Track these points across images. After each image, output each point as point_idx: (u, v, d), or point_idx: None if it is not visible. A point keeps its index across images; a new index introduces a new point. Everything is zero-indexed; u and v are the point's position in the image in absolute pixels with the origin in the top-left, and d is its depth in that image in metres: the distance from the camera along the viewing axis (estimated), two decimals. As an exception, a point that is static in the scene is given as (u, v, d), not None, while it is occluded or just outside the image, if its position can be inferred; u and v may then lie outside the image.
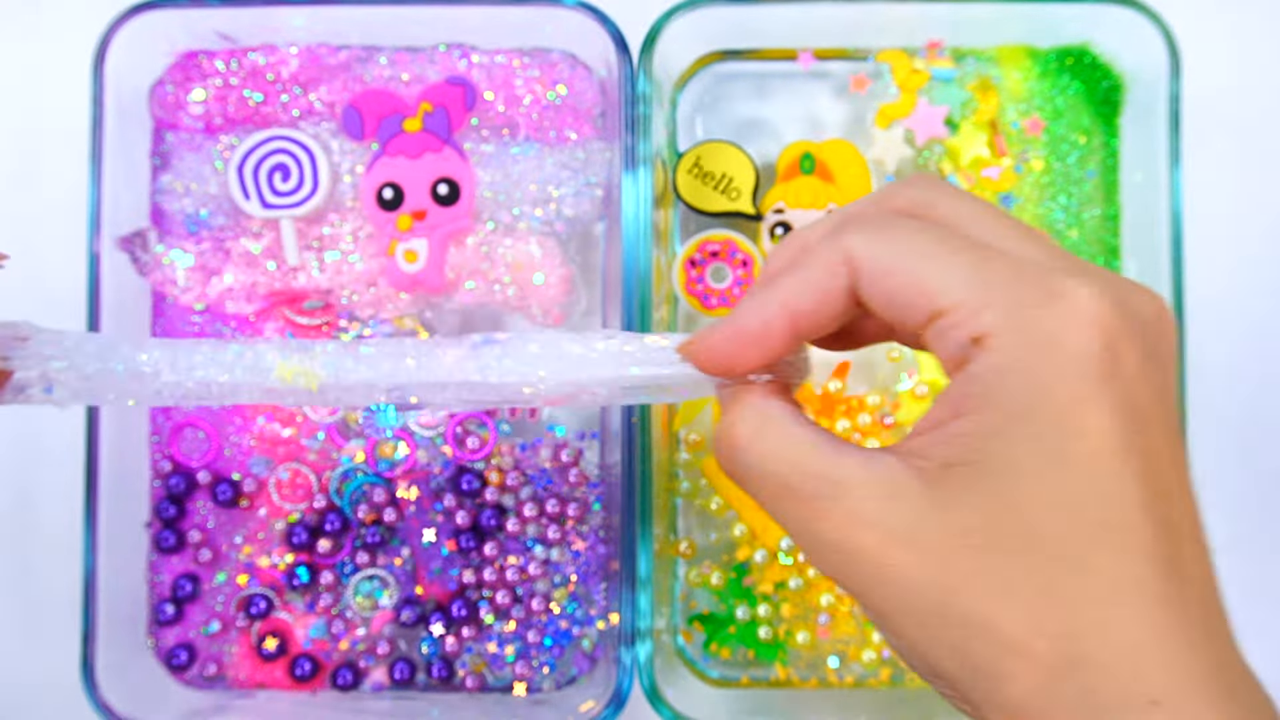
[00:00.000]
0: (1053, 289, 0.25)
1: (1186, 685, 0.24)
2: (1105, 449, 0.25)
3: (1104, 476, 0.25)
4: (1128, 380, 0.25)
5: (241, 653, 0.51)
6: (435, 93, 0.48)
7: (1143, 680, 0.24)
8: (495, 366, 0.33)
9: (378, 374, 0.33)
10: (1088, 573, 0.24)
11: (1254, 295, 0.54)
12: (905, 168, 0.51)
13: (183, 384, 0.34)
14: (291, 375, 0.34)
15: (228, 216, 0.50)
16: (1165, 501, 0.25)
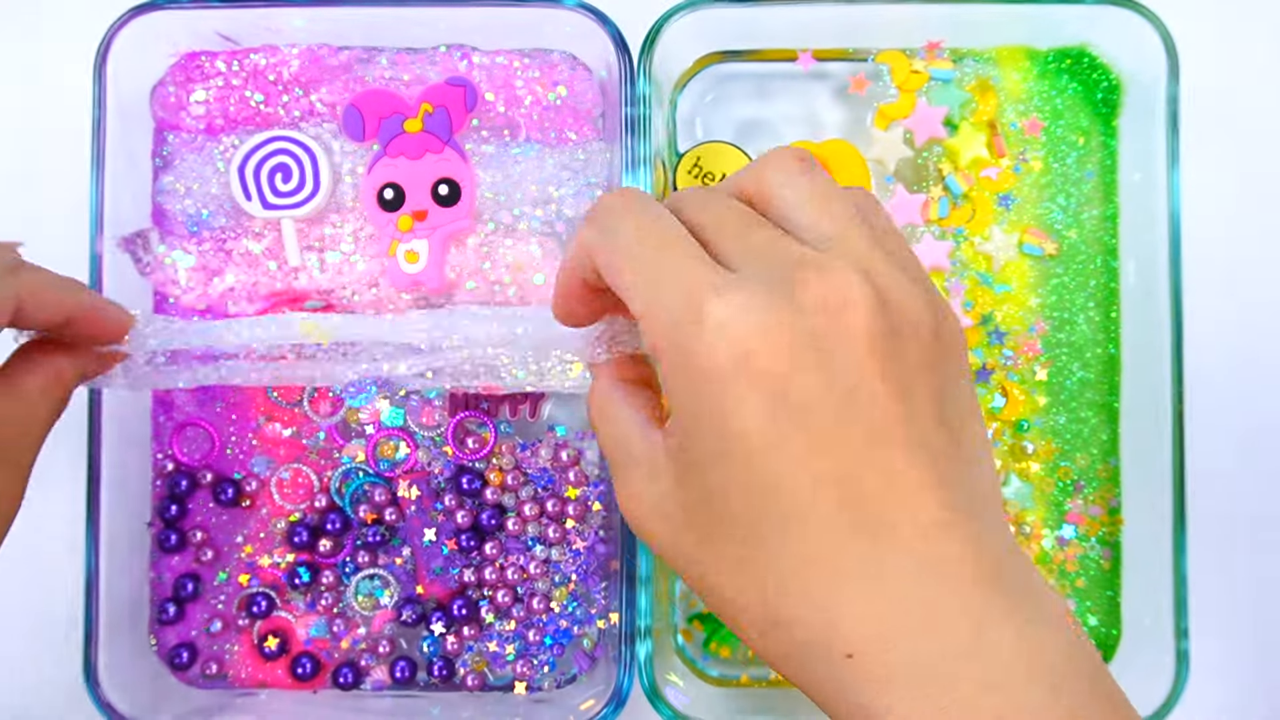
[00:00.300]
0: (701, 311, 0.28)
1: (880, 637, 0.27)
2: (759, 446, 0.28)
3: (764, 469, 0.28)
4: (774, 383, 0.27)
5: (243, 652, 0.51)
6: (436, 93, 0.49)
7: (838, 636, 0.27)
8: (444, 326, 0.43)
9: (364, 330, 0.44)
10: (772, 549, 0.28)
11: (1252, 295, 0.54)
12: (905, 168, 0.51)
13: (238, 362, 0.44)
14: (311, 328, 0.44)
15: (229, 217, 0.50)
16: (843, 479, 0.27)
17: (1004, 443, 0.51)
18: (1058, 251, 0.51)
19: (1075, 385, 0.51)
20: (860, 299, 0.28)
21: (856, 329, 0.28)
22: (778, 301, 0.28)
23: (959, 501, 0.28)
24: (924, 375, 0.29)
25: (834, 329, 0.28)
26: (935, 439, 0.29)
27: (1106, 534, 0.51)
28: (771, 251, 0.30)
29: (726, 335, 0.28)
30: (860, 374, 0.28)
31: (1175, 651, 0.48)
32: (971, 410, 0.31)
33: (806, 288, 0.28)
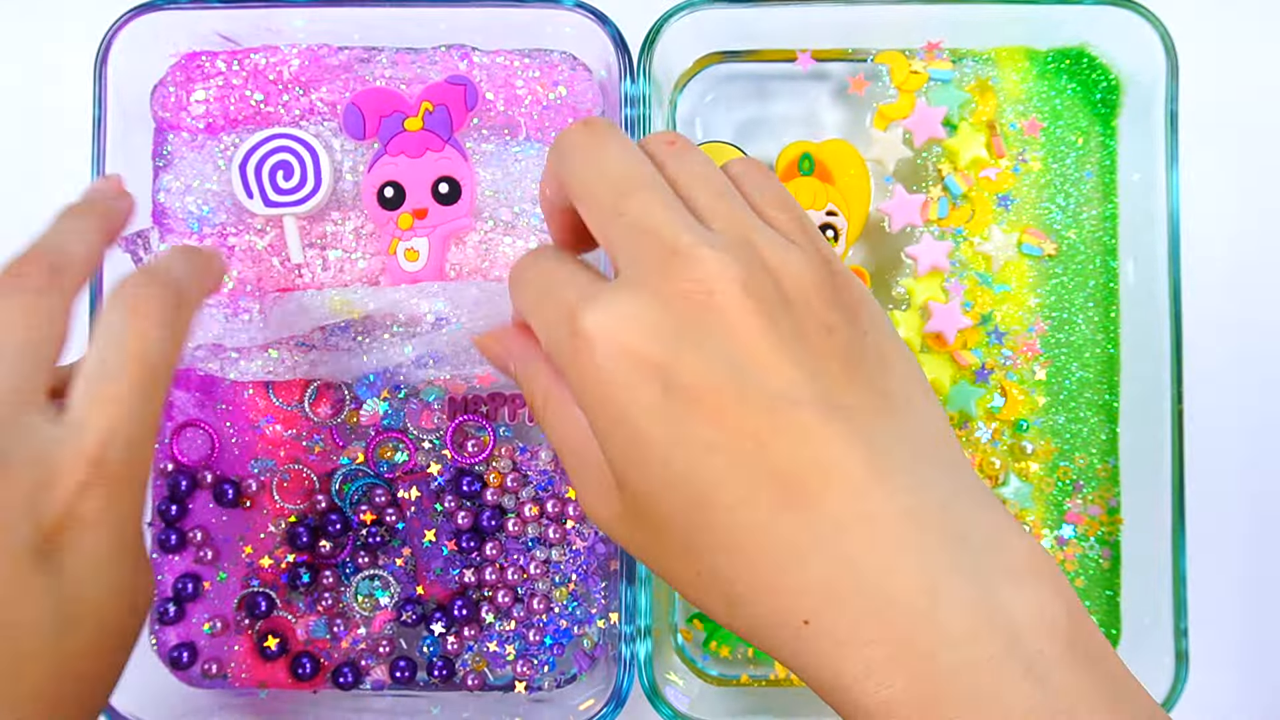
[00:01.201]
0: (576, 325, 0.29)
1: (832, 601, 0.27)
2: (663, 442, 0.28)
3: (676, 464, 0.28)
4: (659, 374, 0.28)
5: (243, 652, 0.51)
6: (436, 92, 0.49)
7: (791, 606, 0.27)
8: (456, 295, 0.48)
9: (386, 301, 0.48)
10: (709, 538, 0.28)
11: (1251, 295, 0.54)
12: (904, 168, 0.51)
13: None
14: (341, 304, 0.48)
15: (230, 214, 0.50)
16: (755, 455, 0.27)
17: (1003, 443, 0.51)
18: (1057, 251, 0.51)
19: (1074, 385, 0.51)
20: (727, 278, 0.28)
21: (728, 307, 0.28)
22: (646, 296, 0.29)
23: (887, 453, 0.28)
24: (822, 334, 0.29)
25: (707, 310, 0.28)
26: (848, 394, 0.29)
27: (1106, 534, 0.51)
28: (642, 237, 0.30)
29: (601, 342, 0.28)
30: (742, 348, 0.28)
31: (1174, 651, 0.48)
32: (894, 355, 0.31)
33: (671, 280, 0.29)
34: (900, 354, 0.31)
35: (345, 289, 0.49)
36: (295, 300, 0.49)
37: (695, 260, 0.29)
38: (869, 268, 0.51)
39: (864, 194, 0.50)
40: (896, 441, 0.28)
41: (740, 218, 0.31)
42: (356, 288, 0.49)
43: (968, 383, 0.50)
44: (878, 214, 0.51)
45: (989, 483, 0.50)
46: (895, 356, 0.31)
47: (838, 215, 0.49)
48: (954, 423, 0.50)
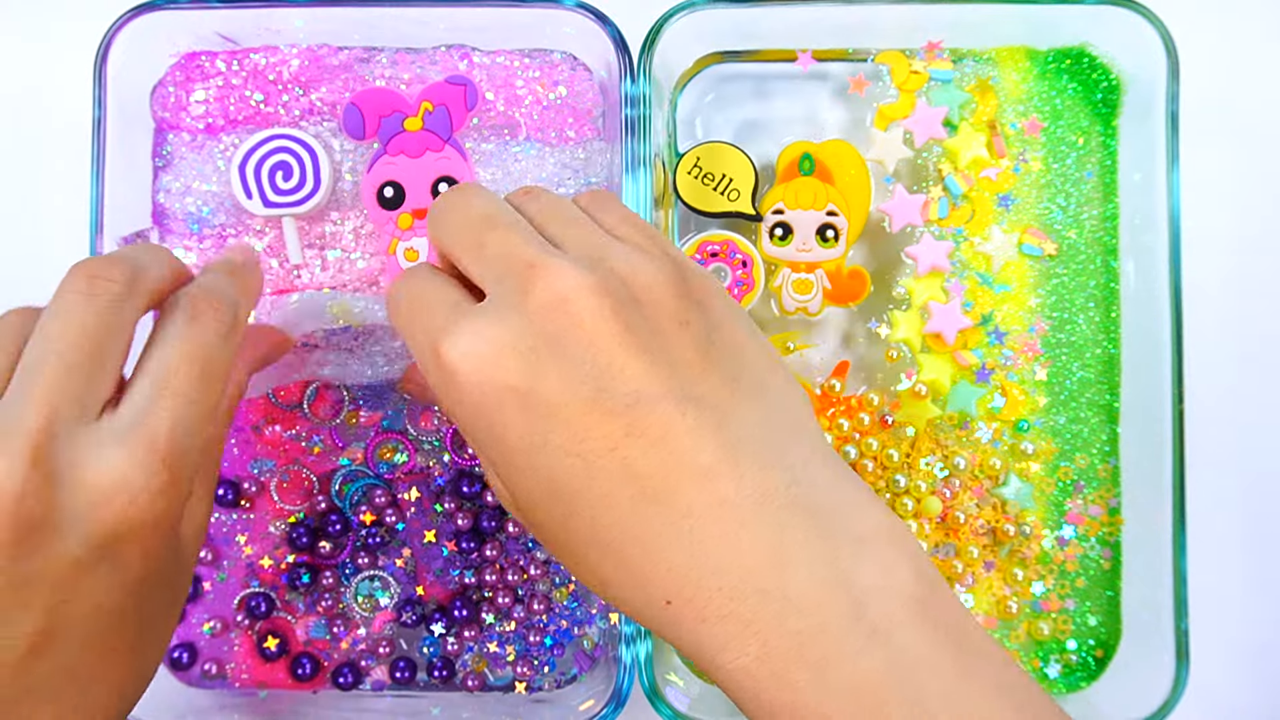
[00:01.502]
0: (439, 355, 0.31)
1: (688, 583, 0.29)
2: (530, 456, 0.30)
3: (544, 475, 0.30)
4: (520, 396, 0.30)
5: (243, 652, 0.51)
6: (436, 92, 0.49)
7: (655, 590, 0.30)
8: None
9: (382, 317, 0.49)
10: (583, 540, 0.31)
11: (1252, 295, 0.54)
12: (904, 168, 0.51)
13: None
14: (340, 311, 0.48)
15: (230, 215, 0.50)
16: (614, 454, 0.29)
17: (1004, 443, 0.51)
18: (1057, 252, 0.51)
19: (1075, 385, 0.51)
20: (581, 286, 0.30)
21: (584, 314, 0.30)
22: (505, 318, 0.31)
23: (738, 439, 0.30)
24: (672, 332, 0.31)
25: (563, 323, 0.30)
26: (703, 384, 0.31)
27: (1106, 534, 0.51)
28: (503, 261, 0.32)
29: (462, 371, 0.30)
30: (601, 353, 0.30)
31: (1175, 651, 0.48)
32: (748, 342, 0.33)
33: (529, 295, 0.31)
34: (753, 341, 0.33)
35: (346, 296, 0.49)
36: (295, 301, 0.49)
37: (551, 271, 0.31)
38: (869, 268, 0.51)
39: (864, 194, 0.50)
40: (749, 425, 0.30)
41: (590, 238, 0.33)
42: (358, 297, 0.49)
43: (968, 383, 0.50)
44: (878, 214, 0.51)
45: (989, 483, 0.50)
46: (748, 344, 0.33)
47: (838, 215, 0.49)
48: (954, 423, 0.50)
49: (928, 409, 0.50)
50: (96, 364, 0.34)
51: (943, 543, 0.50)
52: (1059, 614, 0.50)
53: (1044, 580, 0.50)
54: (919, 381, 0.50)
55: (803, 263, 0.50)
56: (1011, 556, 0.50)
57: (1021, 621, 0.51)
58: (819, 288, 0.50)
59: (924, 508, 0.50)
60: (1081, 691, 0.50)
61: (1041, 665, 0.50)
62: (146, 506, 0.33)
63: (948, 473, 0.50)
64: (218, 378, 0.36)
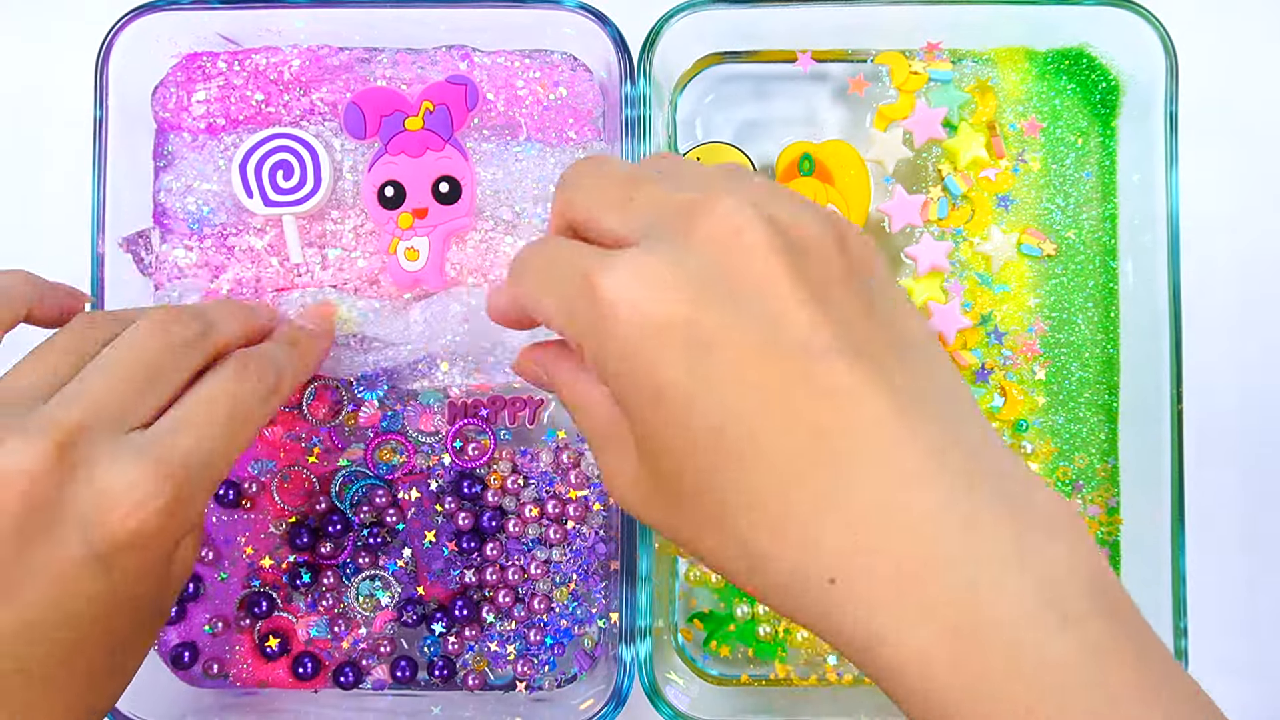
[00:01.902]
0: (595, 292, 0.29)
1: (858, 557, 0.26)
2: (689, 398, 0.28)
3: (703, 420, 0.28)
4: (684, 331, 0.28)
5: (244, 651, 0.51)
6: (437, 91, 0.49)
7: (816, 564, 0.27)
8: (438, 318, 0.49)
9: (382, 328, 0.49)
10: (734, 495, 0.28)
11: (1251, 295, 0.54)
12: (904, 169, 0.51)
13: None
14: (339, 320, 0.49)
15: (230, 214, 0.50)
16: (782, 402, 0.27)
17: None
18: (1056, 252, 0.51)
19: (1074, 385, 0.51)
20: (751, 221, 0.28)
21: (755, 250, 0.28)
22: (667, 252, 0.29)
23: (912, 398, 0.28)
24: (838, 285, 0.29)
25: (732, 256, 0.28)
26: (871, 341, 0.28)
27: (1105, 534, 0.51)
28: (657, 207, 0.30)
29: (623, 303, 0.28)
30: (771, 293, 0.28)
31: (1174, 651, 0.48)
32: (908, 309, 0.31)
33: (695, 228, 0.29)
34: (910, 307, 0.31)
35: (346, 302, 0.49)
36: (295, 303, 0.49)
37: (719, 204, 0.29)
38: (869, 268, 0.51)
39: (864, 194, 0.50)
40: (919, 386, 0.28)
41: (745, 187, 0.31)
42: (358, 302, 0.50)
43: (967, 383, 0.50)
44: (878, 214, 0.51)
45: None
46: (908, 309, 0.31)
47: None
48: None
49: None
50: (145, 389, 0.36)
51: (942, 542, 0.50)
52: (1058, 613, 0.50)
53: (1043, 580, 0.50)
54: (918, 381, 0.50)
55: (802, 263, 0.50)
56: (1011, 556, 0.50)
57: (1021, 621, 0.51)
58: (819, 288, 0.50)
59: (923, 507, 0.50)
60: (1080, 691, 0.50)
61: (1041, 664, 0.50)
62: (147, 520, 0.34)
63: (947, 472, 0.50)
64: (243, 428, 0.38)
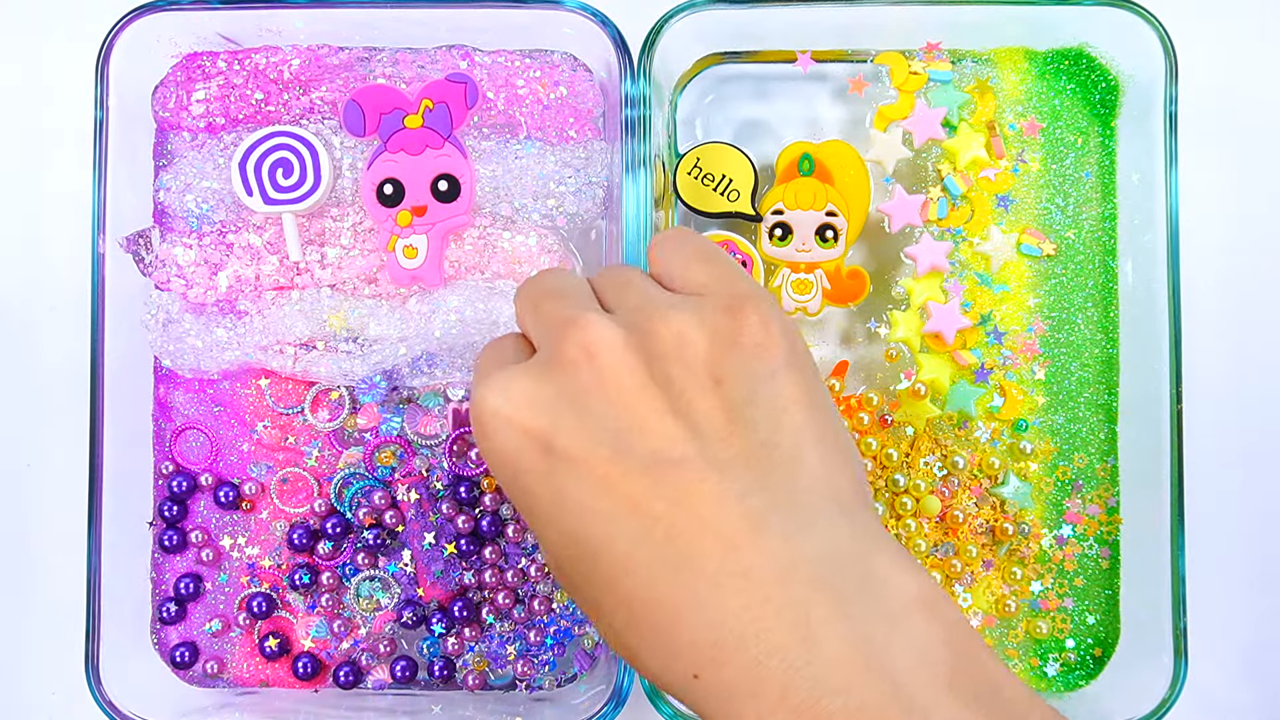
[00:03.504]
0: (477, 406, 0.31)
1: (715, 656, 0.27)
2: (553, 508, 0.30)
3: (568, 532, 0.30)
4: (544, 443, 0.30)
5: (244, 651, 0.51)
6: (436, 89, 0.49)
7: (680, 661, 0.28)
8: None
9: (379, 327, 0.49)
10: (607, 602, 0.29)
11: (1250, 295, 0.54)
12: (903, 169, 0.51)
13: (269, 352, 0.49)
14: (339, 324, 0.49)
15: (230, 212, 0.50)
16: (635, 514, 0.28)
17: (1002, 442, 0.51)
18: (1056, 252, 0.51)
19: (1074, 385, 0.51)
20: (609, 340, 0.30)
21: (607, 368, 0.30)
22: (535, 371, 0.31)
23: (764, 508, 0.28)
24: (704, 390, 0.30)
25: (587, 377, 0.30)
26: (728, 449, 0.29)
27: (1105, 533, 0.51)
28: (545, 323, 0.32)
29: (491, 416, 0.30)
30: (624, 410, 0.29)
31: (1174, 650, 0.48)
32: (792, 400, 0.31)
33: (562, 349, 0.31)
34: (804, 404, 0.31)
35: (345, 304, 0.50)
36: (294, 304, 0.49)
37: (581, 326, 0.31)
38: (868, 268, 0.51)
39: (864, 194, 0.50)
40: (777, 494, 0.29)
41: (638, 298, 0.33)
42: (356, 304, 0.50)
43: (967, 383, 0.50)
44: (877, 214, 0.51)
45: (988, 482, 0.51)
46: (795, 406, 0.31)
47: (837, 216, 0.50)
48: (953, 422, 0.51)
49: (927, 409, 0.50)
50: None
51: (941, 542, 0.50)
52: (1057, 613, 0.50)
53: (1042, 579, 0.51)
54: (918, 381, 0.50)
55: (802, 263, 0.50)
56: (1010, 556, 0.50)
57: (1020, 620, 0.51)
58: (818, 288, 0.50)
59: (923, 507, 0.50)
60: (1080, 690, 0.50)
61: (1040, 664, 0.50)
62: None
63: (946, 472, 0.50)
64: None
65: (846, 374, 0.51)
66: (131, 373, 0.51)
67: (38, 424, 0.54)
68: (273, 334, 0.50)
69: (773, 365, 0.31)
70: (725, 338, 0.31)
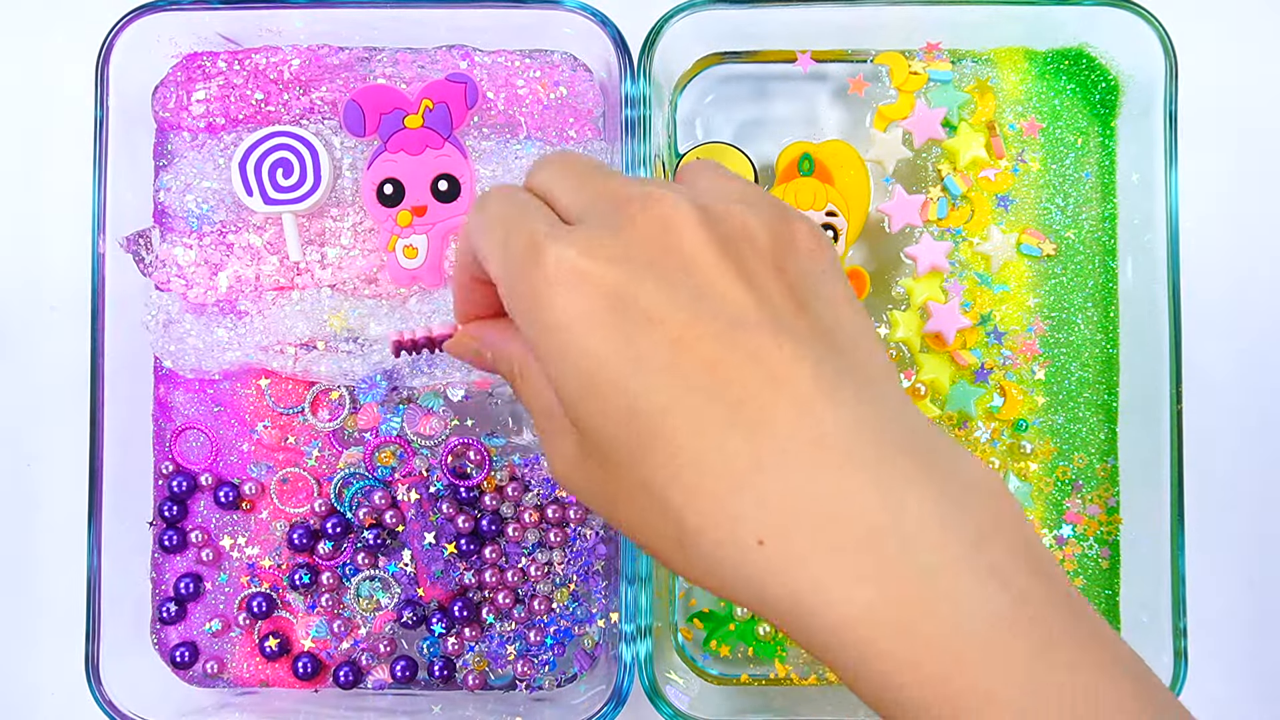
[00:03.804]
0: (540, 255, 0.29)
1: (787, 519, 0.27)
2: (616, 365, 0.28)
3: (629, 388, 0.28)
4: (617, 301, 0.29)
5: (244, 651, 0.51)
6: (437, 89, 0.49)
7: (744, 529, 0.27)
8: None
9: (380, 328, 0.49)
10: (659, 463, 0.28)
11: (1250, 295, 0.54)
12: (903, 169, 0.51)
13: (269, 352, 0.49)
14: (339, 326, 0.49)
15: (230, 212, 0.50)
16: (708, 373, 0.28)
17: (1002, 442, 0.51)
18: (1056, 252, 0.51)
19: (1074, 385, 0.51)
20: (685, 215, 0.30)
21: (684, 238, 0.30)
22: (609, 233, 0.30)
23: (836, 375, 0.28)
24: (769, 274, 0.30)
25: (663, 245, 0.30)
26: (798, 323, 0.29)
27: (1105, 533, 0.51)
28: (603, 194, 0.31)
29: (564, 269, 0.29)
30: (701, 277, 0.29)
31: (1174, 650, 0.48)
32: (844, 299, 0.31)
33: (631, 218, 0.30)
34: (850, 304, 0.32)
35: (345, 304, 0.50)
36: (295, 305, 0.49)
37: (653, 199, 0.30)
38: (869, 268, 0.51)
39: (864, 194, 0.50)
40: (844, 367, 0.29)
41: (708, 186, 0.32)
42: (356, 304, 0.50)
43: (967, 383, 0.50)
44: (877, 214, 0.51)
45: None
46: (845, 304, 0.31)
47: (838, 215, 0.50)
48: (953, 423, 0.51)
49: (927, 409, 0.50)
50: None
51: (942, 542, 0.50)
52: (1058, 613, 0.50)
53: (1043, 579, 0.50)
54: (918, 381, 0.50)
55: (802, 263, 0.50)
56: (1010, 556, 0.50)
57: (1020, 620, 0.51)
58: (818, 287, 0.50)
59: (923, 507, 0.50)
60: (1080, 690, 0.50)
61: (1040, 664, 0.50)
62: None
63: (947, 472, 0.50)
64: None
65: (846, 374, 0.51)
66: (131, 373, 0.51)
67: (38, 424, 0.54)
68: (273, 334, 0.50)
69: (823, 266, 0.32)
70: (784, 238, 0.31)
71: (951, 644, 0.26)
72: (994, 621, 0.26)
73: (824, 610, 0.26)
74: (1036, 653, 0.26)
